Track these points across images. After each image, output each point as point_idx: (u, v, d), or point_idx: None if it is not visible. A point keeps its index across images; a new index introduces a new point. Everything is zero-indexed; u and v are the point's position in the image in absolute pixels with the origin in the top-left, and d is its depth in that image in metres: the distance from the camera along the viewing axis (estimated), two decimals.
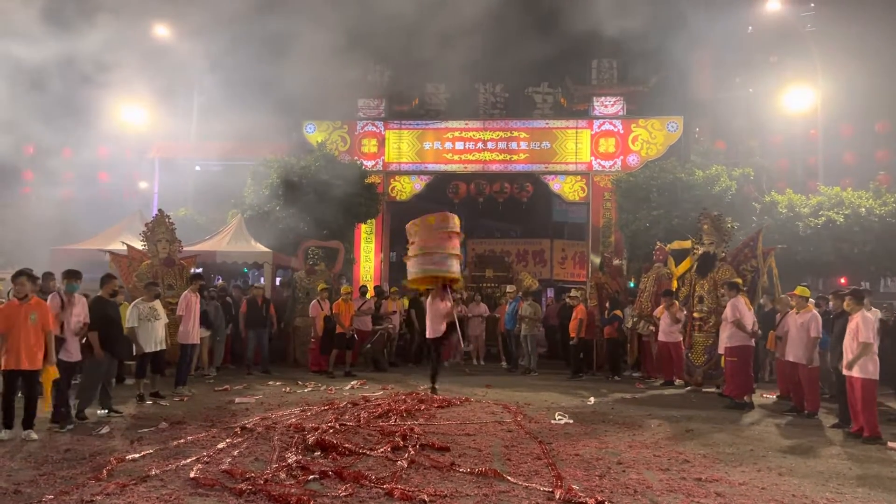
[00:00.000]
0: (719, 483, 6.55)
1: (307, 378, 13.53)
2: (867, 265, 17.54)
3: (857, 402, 8.79)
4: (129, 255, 14.29)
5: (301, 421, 8.87)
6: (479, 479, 6.44)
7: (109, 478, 6.21)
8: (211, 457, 7.03)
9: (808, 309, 10.61)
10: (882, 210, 17.17)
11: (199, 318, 12.12)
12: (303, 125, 22.63)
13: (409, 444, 7.63)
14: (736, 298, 11.43)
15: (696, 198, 17.96)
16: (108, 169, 23.73)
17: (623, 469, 6.98)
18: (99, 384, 9.33)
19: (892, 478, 6.99)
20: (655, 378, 14.27)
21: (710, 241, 13.33)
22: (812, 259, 17.46)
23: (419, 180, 22.76)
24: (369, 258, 22.55)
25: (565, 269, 30.37)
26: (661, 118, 21.74)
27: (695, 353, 13.16)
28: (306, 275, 16.18)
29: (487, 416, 9.88)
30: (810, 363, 10.39)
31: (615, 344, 14.96)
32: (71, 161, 22.45)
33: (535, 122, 22.30)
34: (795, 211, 17.89)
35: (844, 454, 8.01)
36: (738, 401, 11.09)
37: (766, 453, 7.92)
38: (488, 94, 22.57)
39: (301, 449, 7.35)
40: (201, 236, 17.45)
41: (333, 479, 6.33)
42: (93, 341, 9.13)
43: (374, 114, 22.85)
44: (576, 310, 14.76)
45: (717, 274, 12.97)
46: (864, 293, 9.42)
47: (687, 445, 8.18)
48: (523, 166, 22.35)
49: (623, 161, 21.63)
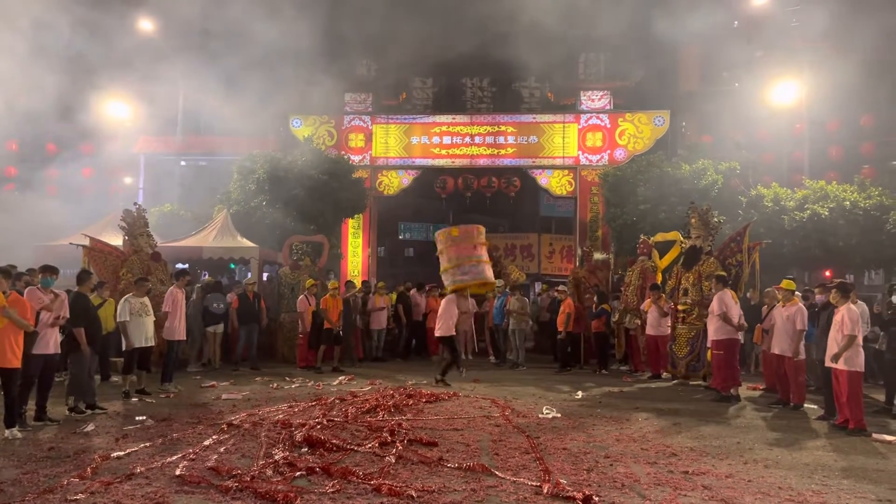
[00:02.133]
0: (706, 476, 6.57)
1: (295, 374, 13.48)
2: (852, 258, 17.64)
3: (842, 394, 8.85)
4: (101, 248, 13.93)
5: (288, 417, 8.83)
6: (467, 474, 6.43)
7: (94, 476, 6.16)
8: (197, 454, 6.98)
9: (794, 302, 10.67)
10: (866, 203, 17.27)
11: (185, 313, 12.06)
12: (289, 120, 22.52)
13: (397, 439, 7.61)
14: (723, 292, 11.47)
15: (682, 192, 18.01)
16: (92, 165, 23.53)
17: (611, 463, 6.99)
18: (88, 377, 9.34)
19: (877, 469, 7.04)
20: (643, 372, 14.33)
21: (697, 234, 13.39)
22: (797, 252, 17.55)
23: (406, 175, 22.72)
24: (357, 253, 22.51)
25: (553, 263, 30.42)
26: (647, 112, 21.81)
27: (678, 345, 13.23)
28: (291, 270, 16.09)
29: (475, 410, 9.88)
30: (796, 356, 10.46)
31: (603, 338, 15.00)
32: (55, 157, 22.27)
33: (522, 117, 22.30)
34: (781, 204, 17.97)
35: (830, 446, 8.06)
36: (725, 394, 11.15)
37: (752, 446, 7.96)
38: (475, 89, 22.56)
39: (288, 445, 7.31)
40: (187, 232, 17.33)
41: (321, 475, 6.30)
42: (79, 337, 9.12)
43: (361, 108, 22.80)
44: (563, 304, 14.78)
45: (701, 267, 13.03)
46: (850, 286, 9.47)
47: (674, 439, 8.21)
48: (511, 161, 22.36)
49: (610, 155, 21.69)
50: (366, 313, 16.13)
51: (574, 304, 15.03)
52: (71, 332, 9.20)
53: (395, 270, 27.74)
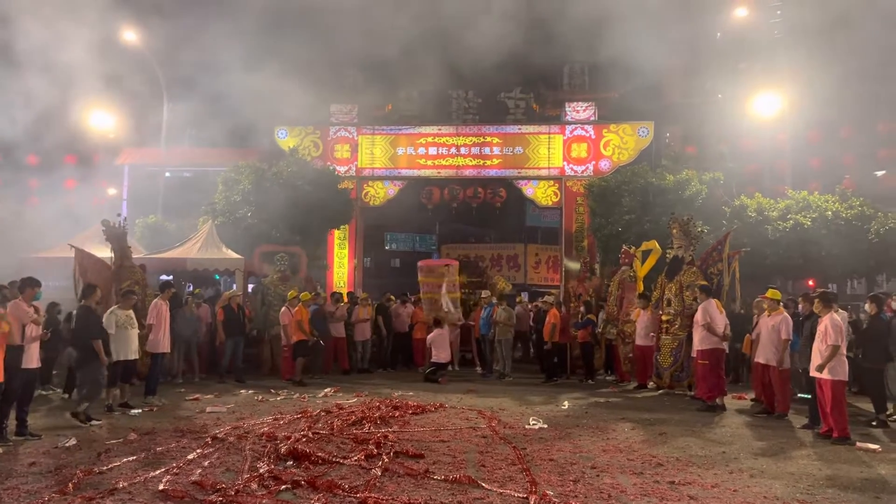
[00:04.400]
0: (692, 486, 6.59)
1: (280, 386, 13.39)
2: (834, 268, 17.83)
3: (826, 403, 8.90)
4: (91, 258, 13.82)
5: (273, 430, 8.76)
6: (453, 487, 6.41)
7: (75, 491, 6.08)
8: (180, 468, 6.91)
9: (780, 311, 10.73)
10: (848, 213, 17.48)
11: (169, 326, 11.98)
12: (275, 130, 22.49)
13: (383, 451, 7.57)
14: (707, 302, 11.54)
15: (667, 202, 18.14)
16: (75, 176, 23.35)
17: (597, 473, 6.99)
18: (102, 387, 9.67)
19: (861, 478, 7.08)
20: (629, 382, 14.36)
21: (678, 244, 13.47)
22: (780, 262, 17.72)
23: (392, 185, 22.74)
24: (343, 264, 22.45)
25: (539, 273, 30.55)
26: (632, 123, 21.97)
27: (662, 356, 13.27)
28: (281, 282, 15.96)
29: (462, 422, 9.85)
30: (781, 365, 10.50)
31: (589, 348, 15.03)
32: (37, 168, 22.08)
33: (507, 128, 22.40)
34: (764, 214, 18.14)
35: (814, 455, 8.11)
36: (710, 403, 11.19)
37: (737, 455, 7.99)
38: (461, 100, 22.63)
39: (273, 458, 7.25)
40: (171, 243, 17.21)
41: (306, 488, 6.25)
42: (97, 348, 9.38)
43: (346, 119, 22.81)
44: (549, 314, 14.80)
45: (682, 277, 13.11)
46: (833, 296, 9.55)
47: (660, 449, 8.23)
48: (496, 171, 22.43)
49: (595, 166, 21.81)
50: (350, 324, 16.06)
51: (559, 313, 15.06)
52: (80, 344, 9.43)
53: (382, 281, 27.68)
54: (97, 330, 9.59)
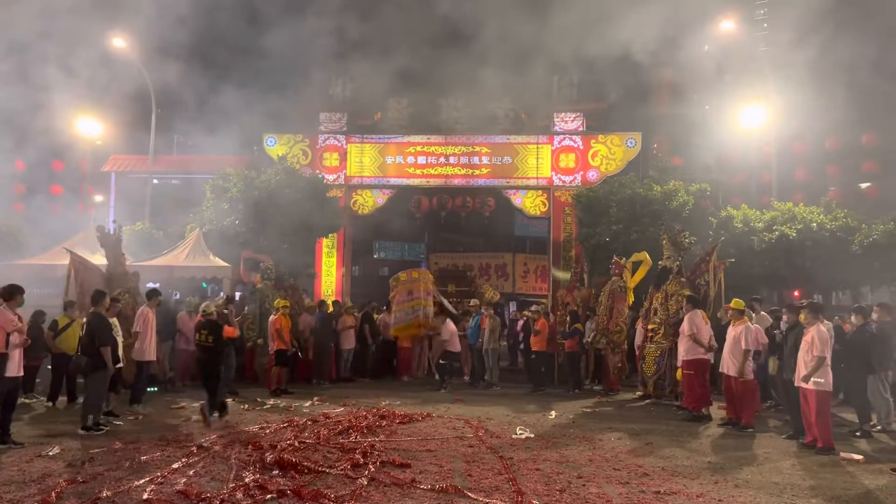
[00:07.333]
0: (678, 496, 6.61)
1: (267, 395, 13.31)
2: (819, 278, 17.96)
3: (810, 413, 8.96)
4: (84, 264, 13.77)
5: (259, 439, 8.72)
6: (439, 496, 6.40)
7: (59, 501, 6.04)
8: (165, 477, 6.87)
9: (743, 321, 10.66)
10: (832, 225, 17.63)
11: (155, 333, 11.89)
12: (263, 138, 22.46)
13: (370, 461, 7.55)
14: (693, 312, 11.59)
15: (654, 212, 18.25)
16: (62, 182, 23.23)
17: (583, 483, 7.00)
18: (105, 394, 9.69)
19: (845, 488, 7.13)
20: (617, 391, 14.38)
21: (667, 255, 13.55)
22: (766, 272, 17.84)
23: (381, 194, 22.74)
24: (331, 272, 22.41)
25: (527, 282, 30.58)
26: (619, 134, 22.10)
27: (646, 364, 13.33)
28: (275, 289, 15.84)
29: (449, 431, 9.84)
30: (741, 375, 10.42)
31: (576, 358, 15.05)
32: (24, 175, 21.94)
33: (496, 138, 22.46)
34: (750, 225, 18.26)
35: (799, 465, 8.16)
36: (696, 413, 11.23)
37: (723, 465, 8.02)
38: (450, 110, 22.66)
39: (259, 468, 7.22)
40: (159, 251, 17.12)
41: (292, 498, 6.23)
42: (105, 355, 9.38)
43: (335, 127, 22.81)
44: (537, 324, 14.82)
45: (668, 286, 13.18)
46: (820, 306, 9.61)
47: (646, 459, 8.25)
48: (485, 181, 22.49)
49: (583, 176, 21.91)
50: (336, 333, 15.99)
51: (548, 323, 15.08)
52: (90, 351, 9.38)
53: (370, 290, 27.62)
54: (107, 336, 9.58)
